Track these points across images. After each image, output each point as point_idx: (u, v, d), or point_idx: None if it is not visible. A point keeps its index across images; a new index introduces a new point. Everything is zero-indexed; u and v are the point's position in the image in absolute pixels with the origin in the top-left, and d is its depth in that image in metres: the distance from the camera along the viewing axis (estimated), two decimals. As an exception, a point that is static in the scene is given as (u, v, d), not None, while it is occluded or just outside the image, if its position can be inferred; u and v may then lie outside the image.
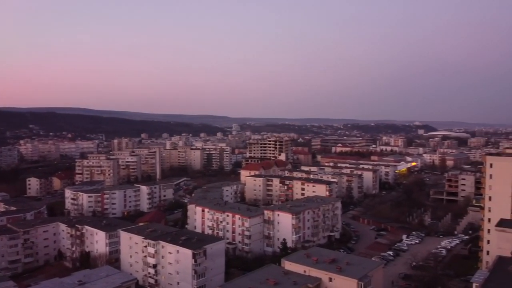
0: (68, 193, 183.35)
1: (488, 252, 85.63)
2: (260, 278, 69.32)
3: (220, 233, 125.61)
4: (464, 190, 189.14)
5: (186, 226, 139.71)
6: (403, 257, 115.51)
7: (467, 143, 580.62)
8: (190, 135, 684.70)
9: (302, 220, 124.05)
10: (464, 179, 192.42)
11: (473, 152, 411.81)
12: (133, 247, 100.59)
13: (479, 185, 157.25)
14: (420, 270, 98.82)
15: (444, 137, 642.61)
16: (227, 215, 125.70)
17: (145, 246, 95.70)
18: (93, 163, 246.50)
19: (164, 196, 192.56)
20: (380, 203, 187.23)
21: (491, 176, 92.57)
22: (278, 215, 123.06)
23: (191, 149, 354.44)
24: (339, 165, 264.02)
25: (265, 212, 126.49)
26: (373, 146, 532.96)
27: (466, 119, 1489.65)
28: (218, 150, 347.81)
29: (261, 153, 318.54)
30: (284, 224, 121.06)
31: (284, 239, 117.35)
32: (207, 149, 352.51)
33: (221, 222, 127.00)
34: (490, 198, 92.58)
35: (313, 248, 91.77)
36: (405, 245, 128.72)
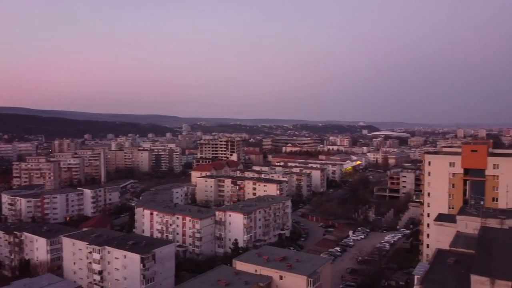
0: (5, 198, 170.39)
1: (428, 245, 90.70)
2: (211, 279, 68.43)
3: (170, 236, 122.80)
4: (405, 187, 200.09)
5: (134, 230, 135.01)
6: (350, 253, 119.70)
7: (407, 142, 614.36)
8: (137, 135, 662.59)
9: (253, 219, 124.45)
10: (405, 176, 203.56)
11: (413, 151, 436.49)
12: (76, 253, 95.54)
13: (418, 182, 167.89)
14: (365, 265, 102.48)
15: (386, 137, 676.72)
16: (177, 218, 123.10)
17: (90, 252, 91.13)
18: (32, 165, 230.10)
19: (110, 199, 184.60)
20: (327, 200, 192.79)
21: (429, 173, 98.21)
22: (230, 215, 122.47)
23: (138, 150, 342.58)
24: (289, 164, 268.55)
25: (217, 213, 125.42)
26: (321, 145, 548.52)
27: (406, 120, 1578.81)
28: (167, 151, 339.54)
29: (212, 154, 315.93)
30: (236, 225, 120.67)
31: (236, 240, 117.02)
32: (156, 150, 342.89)
33: (170, 225, 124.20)
34: (429, 194, 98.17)
35: (264, 247, 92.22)
36: (352, 240, 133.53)
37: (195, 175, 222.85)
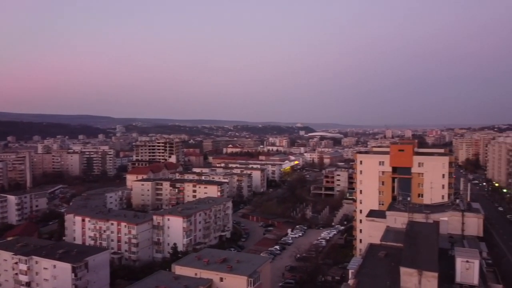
0: None
1: (361, 240, 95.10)
2: (149, 286, 66.09)
3: (104, 243, 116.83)
4: (339, 185, 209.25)
5: (64, 238, 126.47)
6: (288, 250, 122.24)
7: (341, 142, 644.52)
8: (67, 137, 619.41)
9: (193, 222, 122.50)
10: (339, 175, 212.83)
11: (346, 150, 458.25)
12: (1, 264, 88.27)
13: (351, 180, 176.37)
14: (303, 261, 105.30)
15: (322, 138, 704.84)
16: (112, 224, 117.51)
17: (16, 263, 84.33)
18: None
19: (37, 206, 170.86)
20: (267, 200, 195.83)
21: (361, 172, 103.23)
22: (169, 219, 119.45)
23: (68, 152, 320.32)
24: (230, 165, 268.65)
25: (154, 217, 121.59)
26: (261, 146, 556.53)
27: (340, 121, 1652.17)
28: (100, 153, 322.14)
29: (149, 156, 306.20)
30: (175, 228, 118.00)
31: (175, 244, 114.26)
32: (87, 153, 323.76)
33: (104, 231, 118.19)
34: (361, 192, 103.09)
35: (204, 250, 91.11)
36: (290, 238, 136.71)
37: (130, 178, 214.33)
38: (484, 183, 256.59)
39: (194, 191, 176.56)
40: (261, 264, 75.78)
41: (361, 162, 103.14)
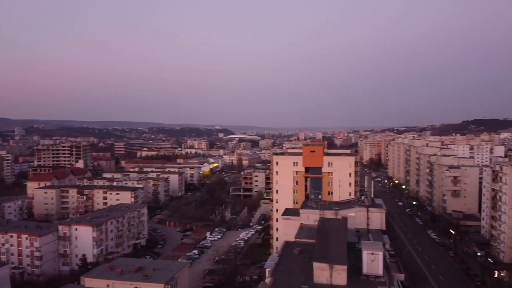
0: None
1: (277, 239, 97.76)
2: (54, 304, 60.33)
3: (3, 258, 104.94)
4: (257, 185, 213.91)
5: None
6: (207, 254, 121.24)
7: (258, 144, 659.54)
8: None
9: (104, 231, 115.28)
10: (257, 176, 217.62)
11: (263, 152, 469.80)
12: None
13: (268, 180, 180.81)
14: (222, 264, 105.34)
15: (240, 140, 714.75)
16: (11, 236, 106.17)
17: None
18: None
19: None
20: (185, 204, 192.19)
21: (277, 172, 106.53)
22: (76, 229, 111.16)
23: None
24: (145, 169, 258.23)
25: (60, 227, 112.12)
26: (179, 149, 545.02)
27: (257, 124, 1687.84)
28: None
29: (53, 161, 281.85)
30: (84, 238, 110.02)
31: (84, 255, 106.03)
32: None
33: (3, 244, 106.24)
34: (277, 191, 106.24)
35: (117, 260, 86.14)
36: (209, 241, 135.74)
37: (32, 186, 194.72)
38: (386, 181, 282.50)
39: (105, 198, 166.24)
40: (179, 270, 73.89)
41: (277, 163, 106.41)
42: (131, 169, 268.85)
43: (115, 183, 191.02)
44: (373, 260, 38.16)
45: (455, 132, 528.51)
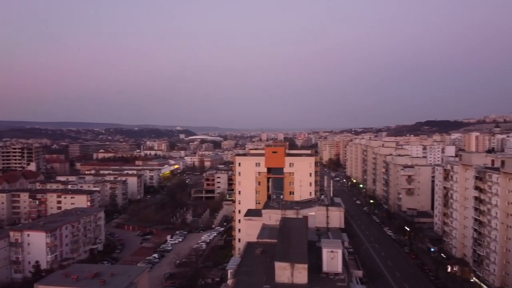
0: None
1: (239, 240, 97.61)
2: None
3: None
4: (219, 187, 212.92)
5: None
6: (168, 257, 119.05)
7: (221, 145, 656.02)
8: None
9: (58, 237, 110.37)
10: (219, 177, 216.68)
11: (226, 153, 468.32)
12: None
13: (231, 181, 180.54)
14: (183, 267, 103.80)
15: (202, 141, 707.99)
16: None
17: None
18: None
19: None
20: (145, 207, 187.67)
21: (239, 173, 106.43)
22: (29, 235, 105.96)
23: None
24: (101, 172, 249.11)
25: (11, 233, 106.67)
26: (138, 150, 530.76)
27: (219, 125, 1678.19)
28: None
29: (3, 164, 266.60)
30: (37, 244, 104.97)
31: (37, 261, 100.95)
32: None
33: None
34: (239, 192, 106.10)
35: (72, 266, 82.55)
36: (170, 245, 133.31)
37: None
38: (344, 180, 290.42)
39: (59, 202, 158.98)
40: (138, 275, 71.84)
41: (239, 164, 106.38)
42: (87, 172, 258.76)
43: (69, 187, 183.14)
44: (332, 258, 38.98)
45: (409, 133, 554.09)
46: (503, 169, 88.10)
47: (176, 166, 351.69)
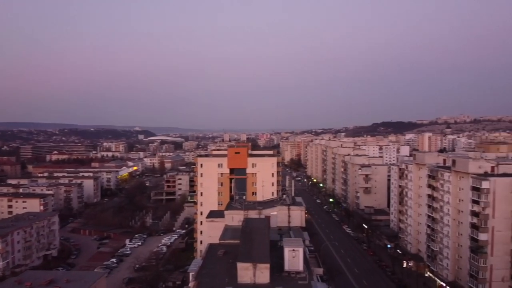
0: None
1: (201, 242, 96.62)
2: None
3: None
4: (180, 189, 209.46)
5: None
6: (127, 262, 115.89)
7: (182, 146, 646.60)
8: None
9: (10, 243, 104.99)
10: (180, 179, 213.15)
11: (187, 154, 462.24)
12: None
13: (192, 183, 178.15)
14: (143, 271, 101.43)
15: (163, 142, 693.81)
16: None
17: None
18: None
19: None
20: (102, 211, 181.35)
21: (201, 174, 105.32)
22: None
23: None
24: (55, 175, 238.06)
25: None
26: (94, 152, 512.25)
27: (180, 125, 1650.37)
28: None
29: None
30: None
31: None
32: None
33: None
34: (201, 194, 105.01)
35: (25, 273, 78.25)
36: (129, 249, 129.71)
37: None
38: (305, 180, 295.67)
39: (10, 206, 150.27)
40: (95, 281, 69.34)
41: (201, 165, 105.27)
42: (39, 175, 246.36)
43: (21, 190, 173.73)
44: (294, 257, 39.53)
45: (366, 133, 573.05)
46: (454, 168, 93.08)
47: (135, 168, 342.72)
